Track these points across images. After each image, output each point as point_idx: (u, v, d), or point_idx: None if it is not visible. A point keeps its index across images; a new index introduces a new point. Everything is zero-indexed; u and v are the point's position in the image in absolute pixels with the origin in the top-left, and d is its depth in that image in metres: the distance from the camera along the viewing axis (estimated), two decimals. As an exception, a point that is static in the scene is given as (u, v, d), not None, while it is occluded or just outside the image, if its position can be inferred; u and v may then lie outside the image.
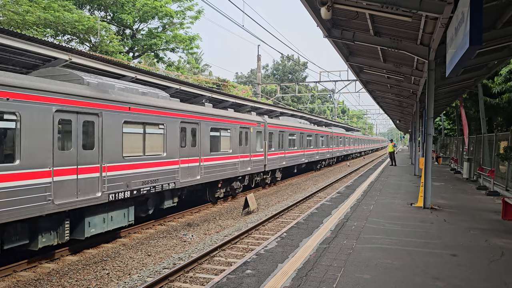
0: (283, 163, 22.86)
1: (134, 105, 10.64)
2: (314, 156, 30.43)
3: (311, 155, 29.41)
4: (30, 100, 7.85)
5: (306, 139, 27.82)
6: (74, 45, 30.59)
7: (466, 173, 20.22)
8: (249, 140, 18.12)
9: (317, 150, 31.38)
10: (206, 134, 14.42)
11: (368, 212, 11.21)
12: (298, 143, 25.98)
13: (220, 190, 15.97)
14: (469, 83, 18.44)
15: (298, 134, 26.05)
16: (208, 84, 41.08)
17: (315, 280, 5.86)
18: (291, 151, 24.46)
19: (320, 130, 32.55)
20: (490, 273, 6.23)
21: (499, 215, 10.71)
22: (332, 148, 37.01)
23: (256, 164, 18.85)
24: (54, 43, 10.31)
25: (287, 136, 23.52)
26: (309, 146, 28.74)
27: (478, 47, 5.99)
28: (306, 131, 27.97)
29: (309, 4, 9.72)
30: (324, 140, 33.87)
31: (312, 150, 29.62)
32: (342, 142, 43.07)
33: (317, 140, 31.06)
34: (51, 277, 8.06)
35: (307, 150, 28.23)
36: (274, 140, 21.32)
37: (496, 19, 9.94)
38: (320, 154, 32.52)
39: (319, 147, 31.80)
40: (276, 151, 21.52)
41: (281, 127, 22.58)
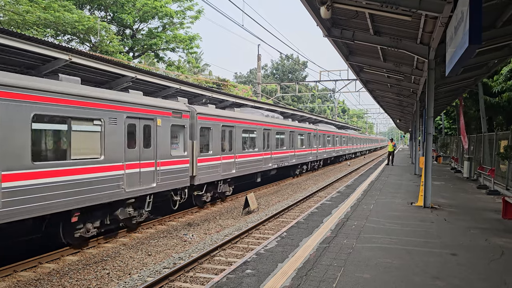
0: (232, 172, 16.66)
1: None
2: (289, 160, 24.44)
3: (283, 158, 23.41)
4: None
5: (274, 137, 21.88)
6: (74, 45, 30.61)
7: (466, 172, 20.21)
8: (154, 138, 11.76)
9: (293, 151, 25.41)
10: None
11: (368, 211, 11.21)
12: (261, 142, 19.94)
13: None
14: (469, 82, 18.43)
15: (260, 131, 19.87)
16: (208, 83, 41.09)
17: (315, 280, 5.86)
18: (247, 154, 18.33)
19: (298, 127, 26.76)
20: (490, 272, 6.23)
21: (499, 214, 10.70)
22: (316, 149, 31.45)
23: (169, 176, 12.38)
24: (54, 43, 10.31)
25: (239, 133, 17.43)
26: (280, 147, 22.97)
27: (477, 46, 5.99)
28: (275, 127, 21.98)
29: (308, 4, 9.71)
30: (305, 139, 28.28)
31: (285, 152, 23.68)
32: (331, 141, 37.28)
33: (293, 139, 25.34)
34: (51, 277, 8.07)
35: (277, 152, 22.37)
36: (214, 138, 15.23)
37: (496, 18, 9.94)
38: (299, 157, 26.87)
39: (296, 147, 26.03)
40: (216, 155, 15.32)
41: (226, 120, 16.27)
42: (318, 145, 31.94)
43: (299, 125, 27.28)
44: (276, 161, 22.08)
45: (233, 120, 16.85)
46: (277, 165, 22.17)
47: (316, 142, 31.48)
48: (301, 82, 70.63)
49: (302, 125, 28.21)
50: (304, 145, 28.09)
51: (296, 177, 27.14)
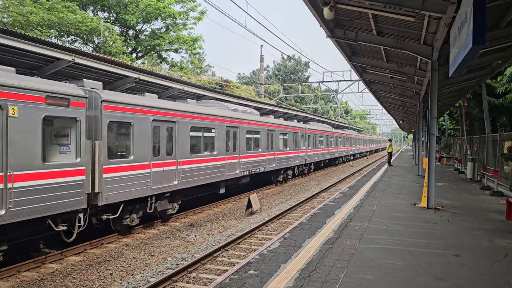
0: (174, 183, 12.42)
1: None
2: (266, 165, 20.30)
3: (258, 163, 19.18)
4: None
5: (244, 137, 17.77)
6: (78, 46, 30.72)
7: (469, 173, 20.15)
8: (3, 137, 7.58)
9: (273, 154, 21.26)
10: None
11: (371, 212, 11.19)
12: (223, 144, 15.80)
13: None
14: (472, 83, 18.37)
15: (221, 129, 15.54)
16: (211, 84, 41.13)
17: (318, 281, 5.85)
18: (199, 159, 13.97)
19: (279, 125, 22.74)
20: (494, 273, 6.20)
21: (503, 216, 10.65)
22: (305, 150, 27.37)
23: (36, 198, 8.08)
24: (57, 44, 10.36)
25: (185, 132, 13.05)
26: (254, 149, 18.90)
27: (481, 47, 5.96)
28: (245, 123, 17.93)
29: (311, 4, 9.71)
30: (290, 139, 24.22)
31: (260, 155, 19.53)
32: (325, 142, 33.17)
33: (272, 140, 21.23)
34: (54, 277, 8.09)
35: (248, 156, 18.06)
36: (138, 138, 10.94)
37: (500, 19, 9.90)
38: (281, 161, 22.46)
39: (277, 149, 21.92)
40: (141, 162, 11.05)
41: (163, 113, 11.96)
42: (307, 146, 27.73)
43: (280, 123, 23.33)
44: (246, 167, 17.88)
45: (174, 114, 12.51)
46: (248, 171, 17.98)
47: (305, 143, 27.33)
48: (304, 83, 70.59)
49: (285, 122, 24.31)
50: (289, 147, 23.97)
51: (280, 184, 23.22)
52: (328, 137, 34.42)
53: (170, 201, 12.75)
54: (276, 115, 26.52)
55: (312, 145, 29.18)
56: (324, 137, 32.99)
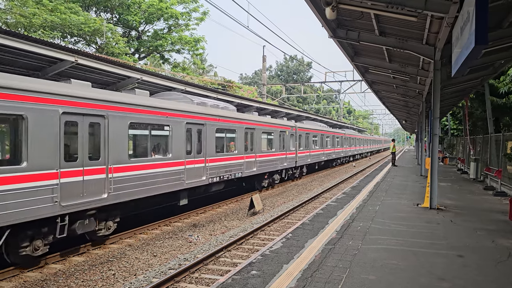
0: (103, 196, 9.66)
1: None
2: (244, 169, 17.36)
3: (231, 167, 16.26)
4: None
5: (212, 137, 14.79)
6: (81, 47, 30.83)
7: (473, 174, 20.09)
8: None
9: (254, 156, 18.36)
10: None
11: (374, 212, 11.17)
12: (182, 145, 12.93)
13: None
14: (475, 82, 18.32)
15: (179, 127, 12.78)
16: (214, 85, 41.18)
17: (321, 281, 5.85)
18: (144, 165, 11.18)
19: (261, 122, 19.55)
20: (497, 274, 6.18)
21: (506, 216, 10.62)
22: (295, 152, 24.36)
23: None
24: (60, 45, 10.39)
25: (122, 130, 10.46)
26: (227, 151, 16.12)
27: (483, 47, 5.95)
28: (214, 120, 14.85)
29: (314, 5, 9.71)
30: (276, 139, 21.31)
31: (234, 157, 16.53)
32: (320, 142, 30.59)
33: (253, 140, 18.59)
34: (57, 278, 8.11)
35: (218, 159, 15.15)
36: (34, 138, 8.00)
37: (503, 18, 9.87)
38: (264, 164, 19.53)
39: (259, 151, 18.98)
40: (41, 170, 8.13)
41: (79, 104, 9.09)
42: (297, 147, 24.83)
43: (263, 120, 20.06)
44: (216, 172, 14.95)
45: (101, 106, 9.67)
46: (219, 177, 15.16)
47: (295, 143, 24.45)
48: (306, 83, 70.50)
49: (269, 120, 21.11)
50: (274, 148, 21.01)
51: (265, 191, 20.59)
52: (323, 137, 31.72)
53: (101, 219, 10.07)
54: (263, 113, 23.37)
55: (304, 145, 26.39)
56: (318, 137, 30.27)
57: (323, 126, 34.08)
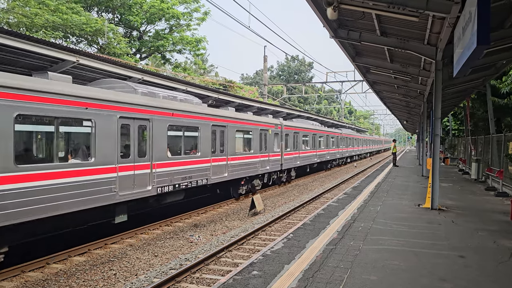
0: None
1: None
2: (211, 175, 14.48)
3: (196, 172, 13.65)
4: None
5: (163, 136, 12.05)
6: (82, 47, 30.89)
7: (474, 174, 20.06)
8: None
9: (225, 159, 15.67)
10: None
11: (375, 213, 11.16)
12: (113, 147, 10.11)
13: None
14: (477, 83, 18.30)
15: (100, 120, 9.73)
16: (215, 85, 41.20)
17: (322, 282, 5.84)
18: (43, 173, 8.26)
19: (234, 119, 16.68)
20: (499, 274, 6.17)
21: (507, 216, 10.60)
22: (281, 153, 21.57)
23: None
24: (62, 45, 10.42)
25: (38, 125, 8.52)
26: (186, 153, 13.36)
27: (485, 47, 5.95)
28: (167, 115, 12.23)
29: (315, 5, 9.71)
30: (255, 138, 18.54)
31: (198, 161, 13.79)
32: (311, 142, 27.87)
33: (223, 140, 15.66)
34: (58, 278, 8.12)
35: (170, 163, 12.30)
36: None
37: (505, 19, 9.85)
38: (239, 168, 16.73)
39: (232, 153, 16.18)
40: None
41: None
42: (283, 148, 22.11)
43: (239, 117, 17.34)
44: (169, 180, 12.21)
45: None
46: (173, 186, 12.35)
47: (280, 143, 21.84)
48: (308, 83, 70.50)
49: (247, 117, 18.50)
50: (253, 149, 18.33)
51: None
52: (315, 137, 29.03)
53: None
54: (249, 111, 21.26)
55: (291, 146, 23.65)
56: (310, 137, 27.61)
57: (316, 125, 31.60)
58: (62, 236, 10.46)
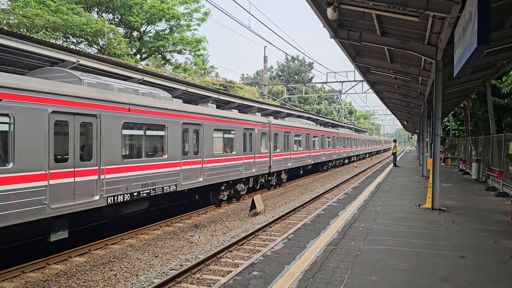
0: None
1: None
2: (178, 179, 12.59)
3: (161, 177, 11.87)
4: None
5: (114, 135, 10.21)
6: (83, 47, 30.91)
7: (474, 174, 20.04)
8: None
9: (200, 162, 13.80)
10: None
11: (375, 213, 11.15)
12: (30, 147, 8.02)
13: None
14: (477, 83, 18.30)
15: (21, 116, 7.85)
16: (215, 85, 41.21)
17: (322, 282, 5.84)
18: None
19: (210, 116, 14.67)
20: (499, 275, 6.16)
21: (508, 217, 10.60)
22: (267, 155, 19.81)
23: None
24: (62, 46, 10.42)
25: None
26: (148, 155, 11.67)
27: (486, 47, 5.94)
28: (102, 108, 9.79)
29: (315, 5, 9.71)
30: (237, 138, 16.87)
31: (163, 164, 11.99)
32: (304, 143, 26.35)
33: (197, 140, 13.91)
34: (59, 278, 8.12)
35: (126, 168, 10.53)
36: None
37: (505, 19, 9.85)
38: (217, 172, 14.95)
39: (208, 155, 14.34)
40: None
41: None
42: (272, 149, 20.37)
43: (218, 114, 15.37)
44: (124, 187, 10.36)
45: None
46: (130, 194, 10.57)
47: (268, 144, 20.14)
48: (308, 84, 70.50)
49: (228, 114, 16.49)
50: (235, 150, 16.60)
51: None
52: (309, 137, 27.53)
53: None
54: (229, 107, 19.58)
55: (282, 146, 21.92)
56: (303, 136, 26.10)
57: (310, 124, 29.83)
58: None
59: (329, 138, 33.73)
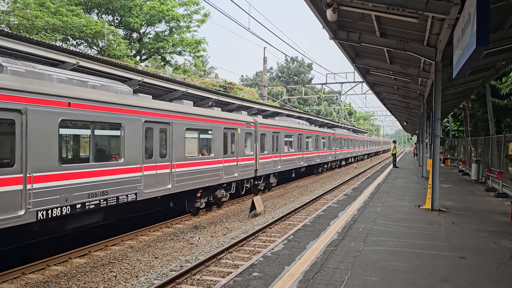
0: None
1: None
2: (139, 187, 10.93)
3: (115, 186, 10.15)
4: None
5: (44, 136, 8.33)
6: (82, 49, 30.93)
7: (474, 175, 20.05)
8: None
9: (168, 167, 12.22)
10: None
11: (375, 214, 11.16)
12: None
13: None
14: (476, 84, 18.32)
15: None
16: (215, 87, 41.23)
17: (322, 283, 5.84)
18: None
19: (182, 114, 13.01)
20: (499, 275, 6.17)
21: (508, 217, 10.60)
22: (252, 157, 18.24)
23: None
24: (61, 47, 10.43)
25: None
26: (99, 159, 9.76)
27: (485, 48, 5.96)
28: (26, 102, 7.94)
29: (314, 6, 9.73)
30: (216, 139, 15.09)
31: (117, 170, 10.28)
32: (296, 144, 24.82)
33: (165, 142, 12.21)
34: (59, 279, 8.12)
35: (72, 174, 8.89)
36: None
37: (504, 20, 9.87)
38: (189, 178, 13.18)
39: (178, 158, 12.66)
40: None
41: None
42: (258, 150, 18.82)
43: (189, 111, 13.48)
44: (61, 198, 8.66)
45: None
46: (70, 207, 8.87)
47: (254, 145, 18.49)
48: (307, 85, 70.51)
49: (204, 111, 14.57)
50: (213, 152, 14.92)
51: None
52: (302, 137, 25.94)
53: None
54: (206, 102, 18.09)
55: (270, 148, 20.32)
56: (294, 137, 24.57)
57: (304, 124, 28.12)
58: (62, 238, 10.45)
59: (324, 139, 32.30)
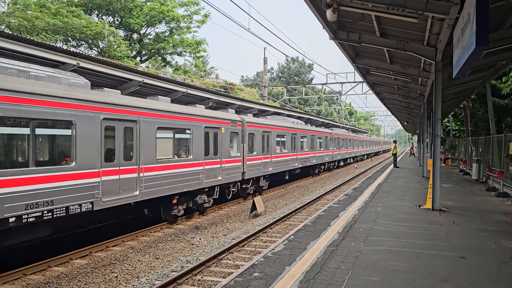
0: None
1: None
2: (95, 195, 9.44)
3: (55, 194, 8.42)
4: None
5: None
6: (83, 50, 30.96)
7: (475, 175, 20.04)
8: None
9: (135, 170, 10.85)
10: None
11: (376, 214, 11.16)
12: None
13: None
14: (477, 83, 18.31)
15: None
16: (215, 87, 41.25)
17: (323, 283, 5.85)
18: None
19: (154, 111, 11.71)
20: (500, 275, 6.17)
21: (508, 217, 10.60)
22: (239, 159, 16.90)
23: None
24: (62, 49, 10.45)
25: None
26: (47, 162, 8.86)
27: (484, 48, 5.97)
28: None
29: (314, 7, 9.74)
30: (197, 140, 13.77)
31: (61, 176, 8.59)
32: (289, 144, 23.56)
33: (132, 142, 10.87)
34: (60, 280, 8.13)
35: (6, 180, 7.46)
36: None
37: (503, 19, 9.87)
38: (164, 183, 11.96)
39: (146, 161, 11.19)
40: None
41: None
42: (245, 152, 17.50)
43: (161, 108, 12.10)
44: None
45: None
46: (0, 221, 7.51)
47: (241, 146, 17.25)
48: (308, 85, 70.50)
49: (181, 109, 13.28)
50: (192, 154, 13.60)
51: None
52: (295, 137, 24.50)
53: None
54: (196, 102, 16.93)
55: (259, 148, 18.94)
56: (287, 137, 23.17)
57: (298, 123, 26.83)
58: (63, 238, 10.47)
59: (321, 138, 30.90)
